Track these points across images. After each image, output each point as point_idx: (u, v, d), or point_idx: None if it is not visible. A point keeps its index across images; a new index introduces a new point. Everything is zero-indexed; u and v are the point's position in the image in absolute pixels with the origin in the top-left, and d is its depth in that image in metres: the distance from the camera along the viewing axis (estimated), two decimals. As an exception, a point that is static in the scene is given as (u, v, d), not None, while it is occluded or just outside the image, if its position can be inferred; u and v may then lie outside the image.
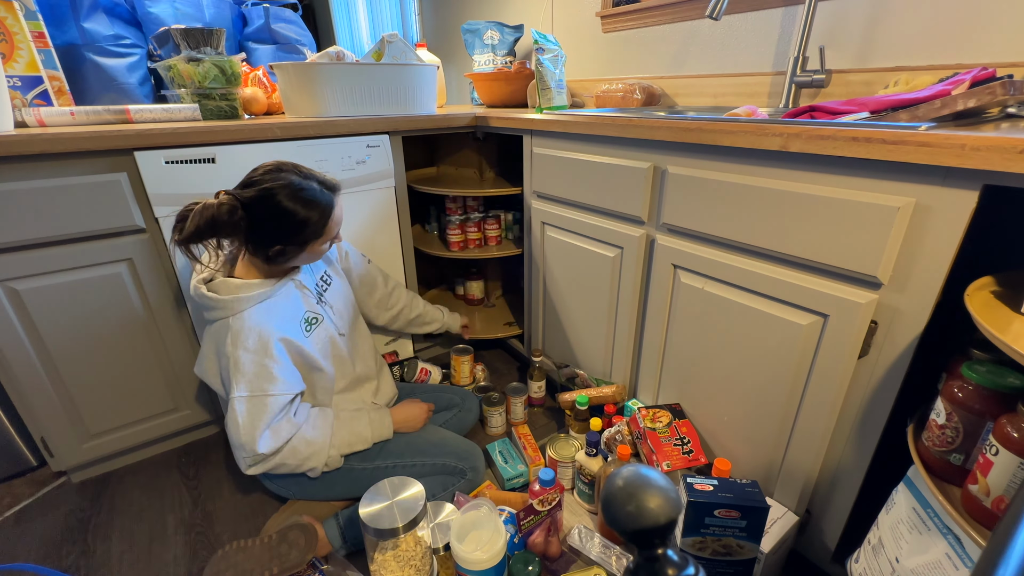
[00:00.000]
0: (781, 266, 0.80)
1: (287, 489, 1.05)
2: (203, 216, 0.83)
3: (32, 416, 1.09)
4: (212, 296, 0.88)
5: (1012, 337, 0.50)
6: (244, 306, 0.89)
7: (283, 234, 0.90)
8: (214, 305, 0.89)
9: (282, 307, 0.95)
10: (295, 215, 0.88)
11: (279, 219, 0.88)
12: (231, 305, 0.89)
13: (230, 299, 0.88)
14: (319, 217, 0.91)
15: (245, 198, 0.87)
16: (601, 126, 1.02)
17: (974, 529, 0.55)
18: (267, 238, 0.90)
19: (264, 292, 0.91)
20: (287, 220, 0.88)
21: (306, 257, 0.97)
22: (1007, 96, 0.68)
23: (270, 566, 0.89)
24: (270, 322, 0.91)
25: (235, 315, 0.89)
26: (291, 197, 0.88)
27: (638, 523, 0.54)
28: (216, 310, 0.89)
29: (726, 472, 0.93)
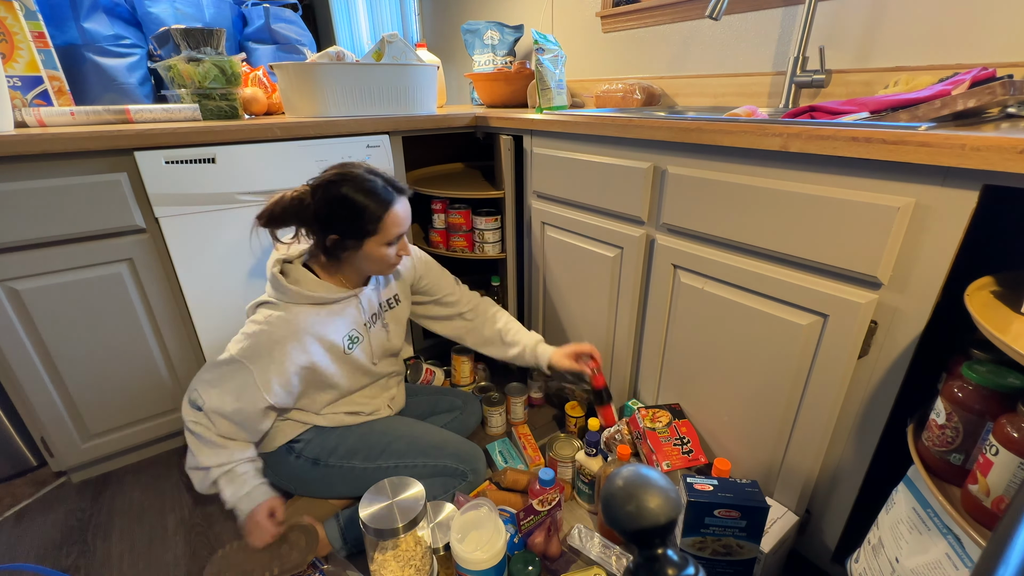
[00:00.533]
0: (781, 266, 0.80)
1: (289, 485, 1.05)
2: (277, 203, 0.90)
3: (32, 416, 1.09)
4: (280, 279, 0.92)
5: (1012, 337, 0.50)
6: (302, 300, 0.93)
7: (340, 223, 0.91)
8: (278, 287, 0.92)
9: (336, 320, 0.97)
10: (352, 203, 0.90)
11: (336, 205, 0.90)
12: (292, 294, 0.92)
13: (294, 289, 0.92)
14: (375, 209, 0.92)
15: (313, 186, 0.91)
16: (601, 126, 1.02)
17: (974, 529, 0.55)
18: (326, 226, 0.92)
19: (325, 296, 0.94)
20: (343, 207, 0.90)
21: (366, 260, 0.96)
22: (1007, 96, 0.68)
23: (270, 566, 0.90)
24: (316, 328, 0.93)
25: (288, 305, 0.92)
26: (351, 186, 0.90)
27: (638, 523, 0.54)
28: (278, 291, 0.93)
29: (726, 472, 0.93)
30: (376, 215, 0.92)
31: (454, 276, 1.26)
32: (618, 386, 1.21)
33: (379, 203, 0.92)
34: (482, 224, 1.49)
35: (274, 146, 1.16)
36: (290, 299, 0.93)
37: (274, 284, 0.93)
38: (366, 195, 0.91)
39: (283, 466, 1.03)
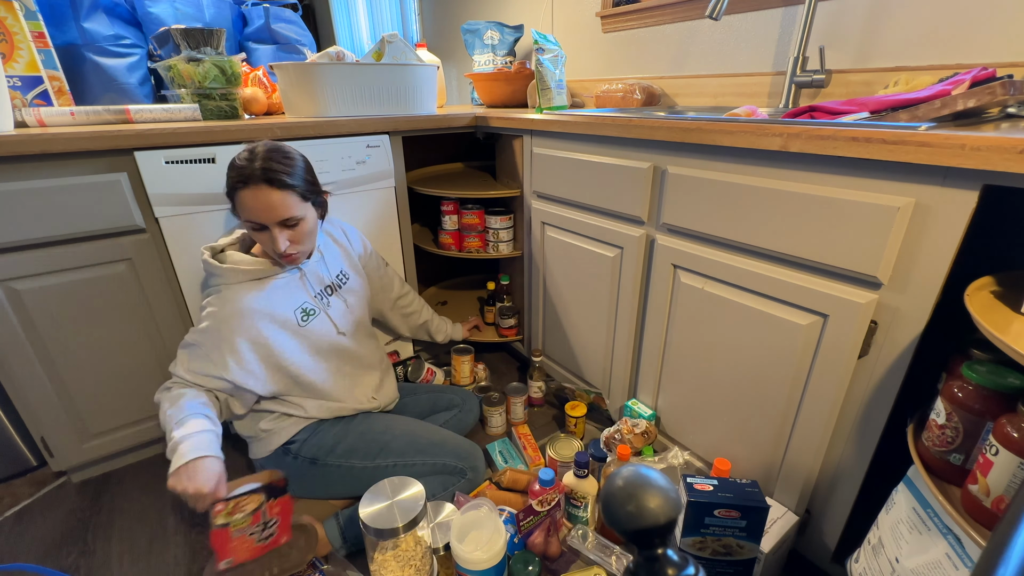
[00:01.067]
0: (781, 266, 0.80)
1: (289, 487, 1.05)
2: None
3: (32, 416, 1.09)
4: (212, 263, 0.94)
5: (1012, 337, 0.50)
6: (238, 278, 0.94)
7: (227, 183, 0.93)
8: (213, 272, 0.94)
9: (279, 295, 0.98)
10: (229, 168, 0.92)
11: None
12: (228, 274, 0.94)
13: (227, 268, 0.93)
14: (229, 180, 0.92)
15: None
16: (601, 126, 1.02)
17: (974, 529, 0.55)
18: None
19: (260, 271, 0.96)
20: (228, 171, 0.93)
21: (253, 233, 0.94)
22: (1007, 96, 0.68)
23: (270, 566, 0.89)
24: (258, 304, 0.94)
25: (227, 286, 0.94)
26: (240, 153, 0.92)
27: (638, 523, 0.54)
28: (215, 276, 0.94)
29: (726, 472, 0.93)
30: (231, 187, 0.92)
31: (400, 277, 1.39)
32: (618, 386, 1.21)
33: (233, 176, 0.91)
34: (496, 223, 1.51)
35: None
36: (226, 280, 0.94)
37: (206, 269, 0.95)
38: (230, 166, 0.92)
39: (280, 468, 1.03)
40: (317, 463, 1.01)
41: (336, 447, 1.02)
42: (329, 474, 1.02)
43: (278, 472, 0.89)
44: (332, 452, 1.02)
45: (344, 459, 1.02)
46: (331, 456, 1.01)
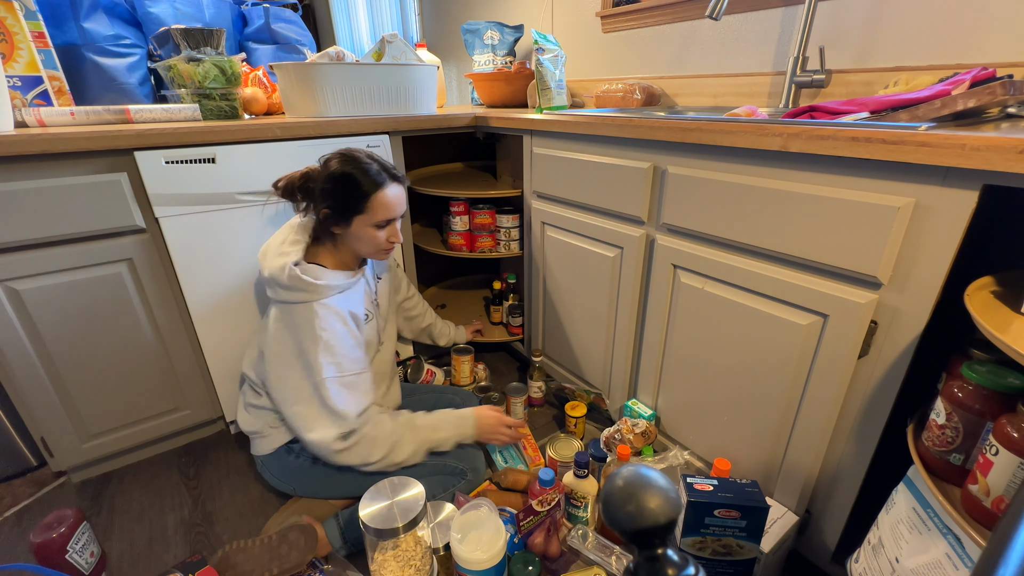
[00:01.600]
0: (781, 266, 0.80)
1: (288, 484, 1.06)
2: (293, 176, 1.00)
3: (32, 416, 1.09)
4: (306, 279, 0.92)
5: (1012, 337, 0.50)
6: (330, 292, 0.95)
7: (333, 198, 0.96)
8: (304, 287, 0.93)
9: (356, 299, 1.02)
10: (345, 179, 0.95)
11: (332, 180, 0.96)
12: (321, 290, 0.94)
13: (322, 284, 0.94)
14: (365, 187, 0.95)
15: (322, 163, 0.98)
16: (601, 126, 1.02)
17: (974, 529, 0.55)
18: (321, 199, 0.97)
19: (347, 282, 0.99)
20: (338, 182, 0.95)
21: (357, 240, 0.99)
22: (1007, 96, 0.68)
23: (270, 567, 0.90)
24: (348, 309, 0.98)
25: (320, 301, 0.94)
26: (348, 163, 0.96)
27: (638, 523, 0.54)
28: (304, 292, 0.93)
29: (726, 472, 0.92)
30: (365, 193, 0.95)
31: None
32: (618, 386, 1.21)
33: (369, 182, 0.95)
34: (507, 222, 1.53)
35: (274, 146, 1.16)
36: (319, 295, 0.94)
37: (305, 287, 0.93)
38: (359, 173, 0.95)
39: (283, 467, 1.04)
40: (318, 462, 1.01)
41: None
42: (331, 474, 1.02)
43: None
44: (333, 452, 1.02)
45: (344, 459, 1.02)
46: (332, 456, 1.02)
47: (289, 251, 0.97)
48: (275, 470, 1.05)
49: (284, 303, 0.95)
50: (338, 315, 0.95)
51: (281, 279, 0.93)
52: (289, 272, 0.92)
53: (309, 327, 0.93)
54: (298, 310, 0.94)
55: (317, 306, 0.93)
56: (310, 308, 0.93)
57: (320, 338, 0.92)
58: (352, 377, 0.96)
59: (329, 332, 0.93)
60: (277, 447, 1.02)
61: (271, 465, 1.05)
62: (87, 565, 0.94)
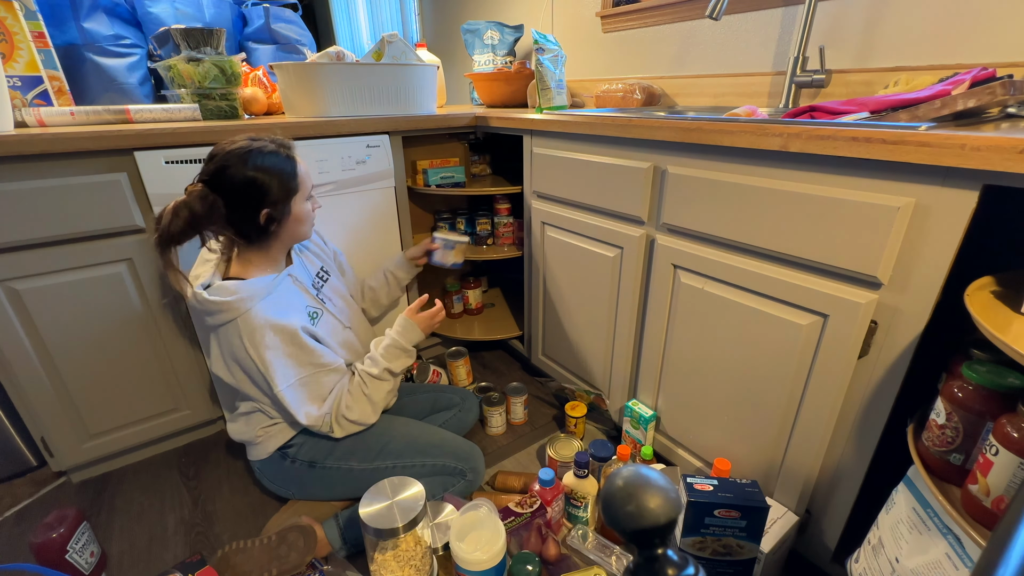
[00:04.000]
0: (781, 266, 0.80)
1: (287, 489, 1.05)
2: (179, 215, 0.84)
3: (32, 416, 1.09)
4: (216, 300, 0.86)
5: (1012, 337, 0.50)
6: (249, 305, 0.88)
7: (261, 198, 0.88)
8: (219, 309, 0.86)
9: (286, 300, 0.95)
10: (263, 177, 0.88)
11: (250, 186, 0.87)
12: (235, 306, 0.87)
13: (234, 300, 0.86)
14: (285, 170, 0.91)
15: (208, 178, 0.87)
16: (601, 126, 1.02)
17: (974, 529, 0.55)
18: (250, 209, 0.88)
19: (265, 286, 0.91)
20: (259, 183, 0.88)
21: (296, 223, 0.95)
22: (1007, 96, 0.68)
23: (269, 567, 0.90)
24: (279, 315, 0.90)
25: (242, 315, 0.87)
26: (251, 163, 0.87)
27: (638, 523, 0.54)
28: (221, 313, 0.87)
29: (726, 472, 0.93)
30: (291, 172, 0.92)
31: None
32: (618, 386, 1.21)
33: (287, 161, 0.92)
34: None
35: (274, 146, 1.16)
36: (241, 310, 0.87)
37: (217, 308, 0.86)
38: (273, 161, 0.89)
39: (279, 472, 1.03)
40: (316, 466, 1.01)
41: (335, 449, 1.02)
42: (328, 476, 1.02)
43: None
44: (331, 454, 1.01)
45: (343, 461, 1.01)
46: (330, 458, 1.01)
47: (199, 274, 0.92)
48: (272, 476, 1.05)
49: (211, 327, 0.91)
50: (264, 326, 0.88)
51: (195, 306, 0.89)
52: (197, 296, 0.87)
53: (241, 347, 0.88)
54: (223, 332, 0.90)
55: (240, 322, 0.87)
56: (234, 327, 0.88)
57: (254, 357, 0.88)
58: (307, 377, 0.94)
59: (261, 348, 0.88)
60: (272, 452, 1.01)
61: (267, 471, 1.05)
62: (87, 565, 0.94)
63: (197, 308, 0.89)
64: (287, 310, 0.93)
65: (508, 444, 1.32)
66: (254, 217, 0.89)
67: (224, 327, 0.89)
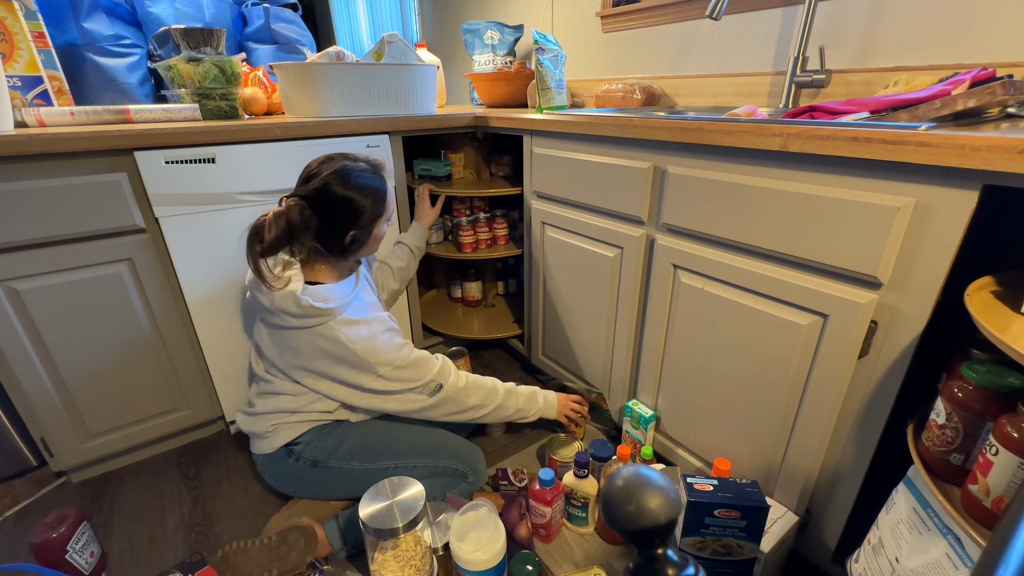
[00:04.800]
0: (781, 266, 0.80)
1: (288, 486, 1.06)
2: (278, 224, 0.88)
3: (32, 416, 1.09)
4: (320, 307, 0.90)
5: (1012, 337, 0.50)
6: (343, 311, 0.94)
7: (353, 219, 0.94)
8: (319, 313, 0.91)
9: (363, 299, 1.02)
10: (357, 199, 0.93)
11: (344, 207, 0.93)
12: (333, 311, 0.92)
13: (332, 306, 0.92)
14: (377, 195, 0.96)
15: (308, 194, 0.91)
16: (601, 126, 1.02)
17: (974, 529, 0.55)
18: (340, 228, 0.94)
19: (352, 291, 0.98)
20: (353, 205, 0.93)
21: (375, 242, 1.02)
22: (1007, 96, 0.68)
23: (269, 568, 0.90)
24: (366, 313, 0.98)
25: (335, 319, 0.93)
26: (349, 184, 0.93)
27: (638, 523, 0.54)
28: (318, 317, 0.92)
29: (726, 472, 0.93)
30: (382, 197, 0.96)
31: None
32: (618, 386, 1.21)
33: (380, 187, 0.96)
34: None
35: (274, 146, 1.16)
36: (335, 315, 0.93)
37: (317, 312, 0.91)
38: (368, 185, 0.94)
39: (282, 468, 1.03)
40: (318, 465, 1.01)
41: (337, 449, 1.02)
42: (330, 476, 1.02)
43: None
44: (333, 454, 1.01)
45: (345, 461, 1.01)
46: (332, 458, 1.01)
47: (289, 277, 0.93)
48: (275, 471, 1.05)
49: (295, 329, 0.93)
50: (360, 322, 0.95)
51: (291, 309, 0.91)
52: (299, 302, 0.90)
53: (336, 344, 0.93)
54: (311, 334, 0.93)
55: (334, 325, 0.93)
56: (328, 329, 0.93)
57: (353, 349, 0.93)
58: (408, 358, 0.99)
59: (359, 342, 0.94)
60: (278, 447, 1.02)
61: (271, 466, 1.05)
62: (87, 565, 0.94)
63: (292, 312, 0.91)
64: (368, 309, 1.01)
65: (508, 444, 1.32)
66: (341, 236, 0.95)
67: (313, 329, 0.93)
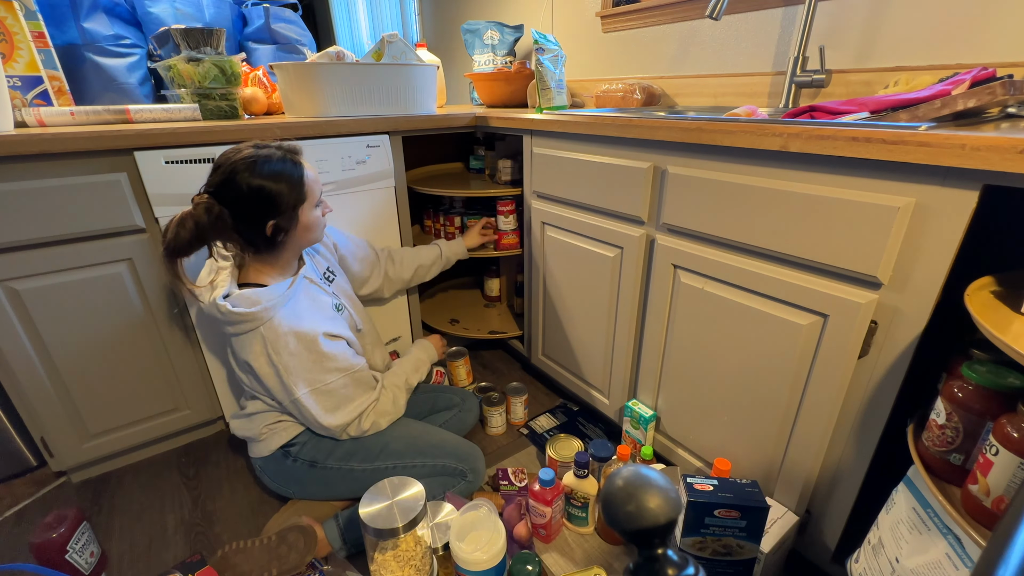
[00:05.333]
0: (781, 266, 0.80)
1: (287, 488, 1.05)
2: (184, 226, 0.84)
3: (32, 416, 1.09)
4: (240, 311, 0.86)
5: (1012, 337, 0.50)
6: (271, 314, 0.89)
7: (268, 208, 0.88)
8: (242, 319, 0.88)
9: (306, 304, 0.97)
10: (268, 186, 0.87)
11: (255, 196, 0.86)
12: (259, 316, 0.88)
13: (258, 310, 0.87)
14: (292, 180, 0.90)
15: (213, 188, 0.87)
16: (601, 126, 1.02)
17: (974, 529, 0.55)
18: (256, 220, 0.88)
19: (285, 294, 0.92)
20: (264, 193, 0.86)
21: (304, 231, 0.95)
22: (1007, 96, 0.68)
23: (269, 568, 0.90)
24: (301, 321, 0.92)
25: (264, 324, 0.89)
26: (257, 172, 0.86)
27: (638, 523, 0.54)
28: (244, 323, 0.88)
29: (726, 472, 0.93)
30: (297, 181, 0.90)
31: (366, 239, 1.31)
32: (618, 386, 1.21)
33: (293, 171, 0.91)
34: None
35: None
36: (264, 319, 0.89)
37: (240, 319, 0.87)
38: (279, 170, 0.88)
39: (280, 470, 1.03)
40: (316, 466, 1.01)
41: (336, 450, 1.02)
42: (329, 476, 1.02)
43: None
44: (332, 455, 1.01)
45: (343, 462, 1.01)
46: (330, 459, 1.01)
47: (218, 283, 0.91)
48: (272, 474, 1.05)
49: (233, 336, 0.92)
50: (288, 334, 0.90)
51: (216, 316, 0.89)
52: (218, 308, 0.87)
53: (262, 354, 0.90)
54: (245, 341, 0.91)
55: (264, 330, 0.89)
56: (256, 335, 0.90)
57: (275, 364, 0.90)
58: (324, 388, 0.95)
59: (284, 355, 0.90)
60: (274, 450, 1.01)
61: (269, 469, 1.05)
62: (87, 565, 0.94)
63: (218, 318, 0.89)
64: (308, 314, 0.95)
65: (508, 444, 1.32)
66: (260, 228, 0.89)
67: (243, 336, 0.91)
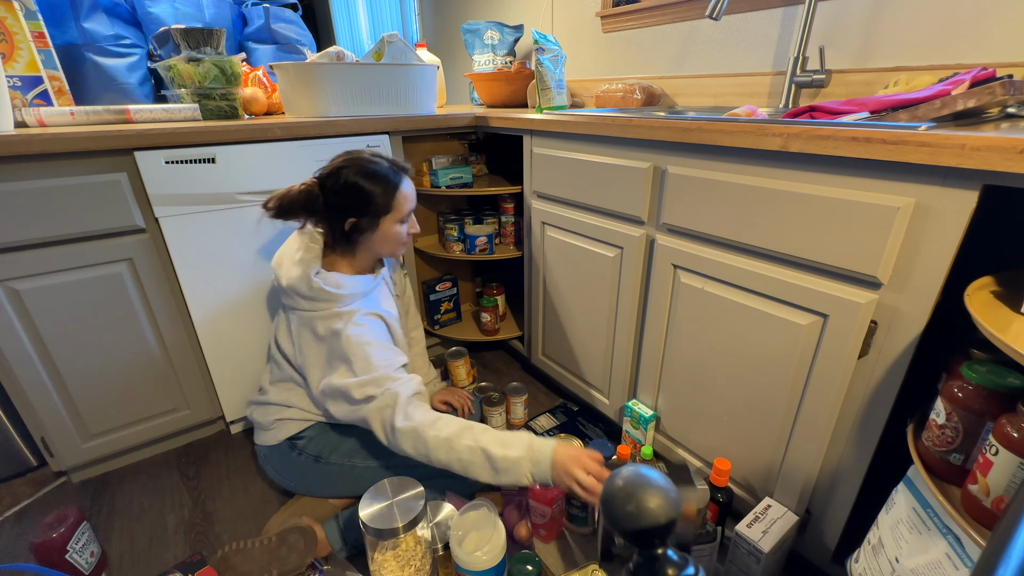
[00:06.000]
0: (781, 266, 0.80)
1: (288, 480, 1.06)
2: (286, 196, 0.95)
3: (32, 416, 1.09)
4: (329, 290, 0.92)
5: (1012, 337, 0.50)
6: (353, 300, 0.95)
7: (353, 207, 0.94)
8: (328, 297, 0.93)
9: (379, 300, 1.03)
10: (364, 184, 0.94)
11: (347, 192, 0.94)
12: (344, 298, 0.94)
13: (344, 293, 0.94)
14: (387, 187, 0.96)
15: (321, 177, 0.96)
16: (601, 126, 1.02)
17: (974, 529, 0.55)
18: (340, 213, 0.95)
19: (370, 285, 0.99)
20: (355, 192, 0.94)
21: (383, 240, 0.99)
22: (1007, 96, 0.68)
23: (269, 568, 0.90)
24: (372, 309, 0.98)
25: (346, 306, 0.94)
26: (358, 171, 0.94)
27: (638, 523, 0.54)
28: (327, 302, 0.93)
29: (726, 472, 0.92)
30: (390, 192, 0.96)
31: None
32: (618, 386, 1.21)
33: (389, 181, 0.96)
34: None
35: (274, 146, 1.16)
36: (348, 302, 0.94)
37: (328, 296, 0.93)
38: (376, 176, 0.95)
39: (284, 462, 1.04)
40: (320, 461, 1.02)
41: (340, 446, 1.02)
42: (331, 472, 1.02)
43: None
44: (336, 451, 1.02)
45: (347, 458, 1.02)
46: (334, 455, 1.02)
47: (307, 260, 0.95)
48: (276, 465, 1.05)
49: (304, 312, 0.95)
50: (363, 319, 0.94)
51: (302, 289, 0.93)
52: (310, 283, 0.92)
53: (335, 337, 0.92)
54: (320, 320, 0.93)
55: (342, 311, 0.93)
56: (333, 317, 0.93)
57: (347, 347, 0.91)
58: (384, 380, 0.92)
59: (356, 339, 0.92)
60: (281, 440, 1.02)
61: (273, 459, 1.05)
62: (87, 565, 0.94)
63: (303, 292, 0.93)
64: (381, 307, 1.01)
65: (508, 444, 1.32)
66: (341, 222, 0.95)
67: (321, 316, 0.94)
